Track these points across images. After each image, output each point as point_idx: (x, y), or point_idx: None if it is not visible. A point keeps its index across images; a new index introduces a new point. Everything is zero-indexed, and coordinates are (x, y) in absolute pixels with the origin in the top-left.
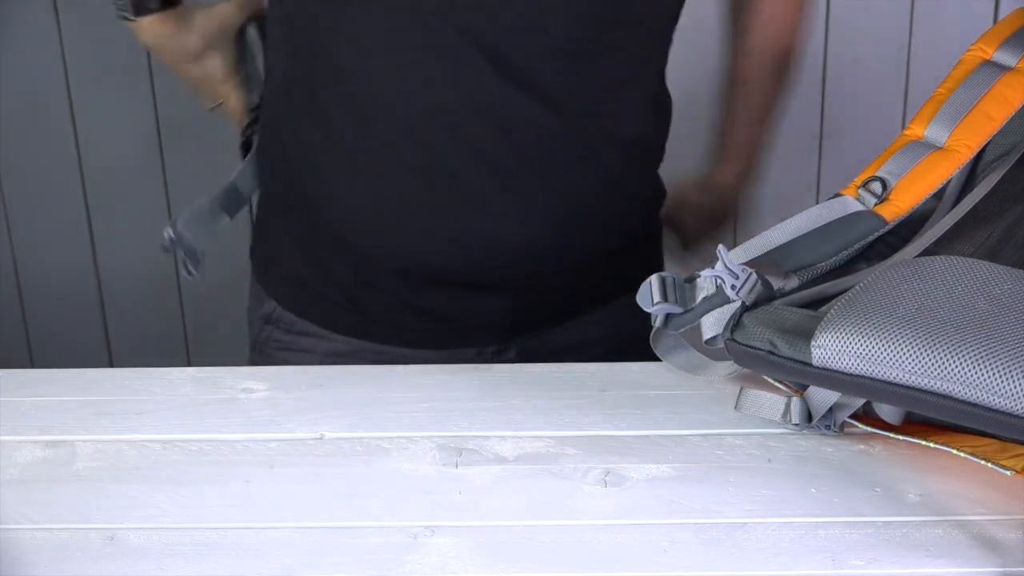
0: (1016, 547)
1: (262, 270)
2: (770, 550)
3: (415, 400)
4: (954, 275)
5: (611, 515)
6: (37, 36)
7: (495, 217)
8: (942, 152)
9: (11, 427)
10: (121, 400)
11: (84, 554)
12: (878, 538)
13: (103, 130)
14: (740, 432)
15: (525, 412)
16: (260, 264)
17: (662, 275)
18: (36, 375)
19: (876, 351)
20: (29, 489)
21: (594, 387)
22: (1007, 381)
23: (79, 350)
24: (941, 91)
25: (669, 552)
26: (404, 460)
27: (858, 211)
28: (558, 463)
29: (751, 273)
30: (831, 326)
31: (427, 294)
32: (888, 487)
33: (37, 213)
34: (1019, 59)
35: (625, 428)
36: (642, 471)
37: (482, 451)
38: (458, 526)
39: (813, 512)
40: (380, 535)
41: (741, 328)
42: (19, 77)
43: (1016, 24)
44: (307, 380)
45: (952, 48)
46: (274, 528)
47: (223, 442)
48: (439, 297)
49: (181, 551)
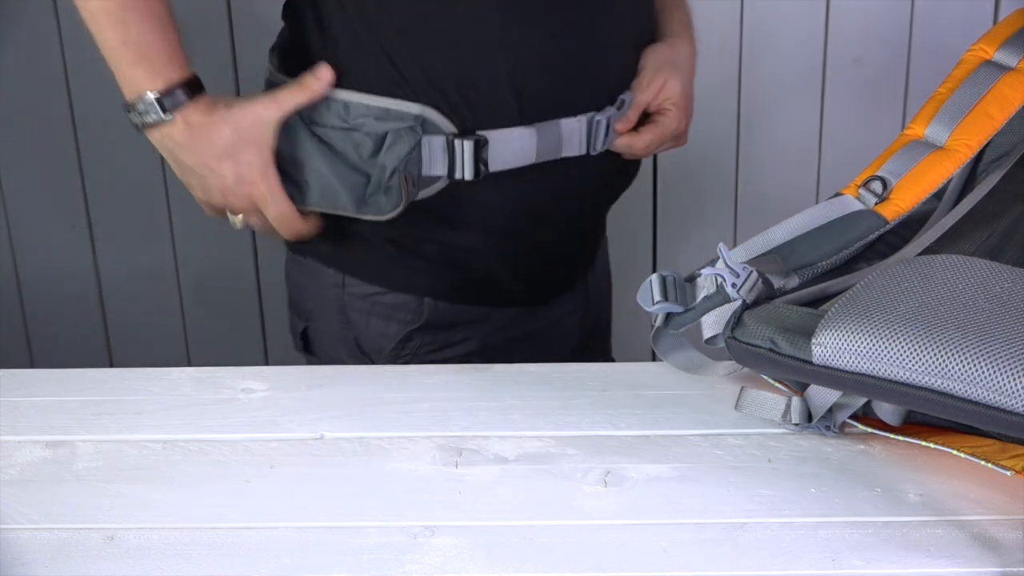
0: (1016, 547)
1: (404, 283)
2: (770, 550)
3: (415, 400)
4: (955, 274)
5: (611, 515)
6: (37, 36)
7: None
8: (942, 152)
9: (11, 427)
10: (121, 400)
11: (84, 554)
12: (878, 538)
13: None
14: (740, 432)
15: (525, 412)
16: (401, 279)
17: (662, 274)
18: (36, 375)
19: (877, 349)
20: (29, 489)
21: (594, 387)
22: (1007, 379)
23: (79, 350)
24: (942, 91)
25: (669, 552)
26: (404, 460)
27: (859, 210)
28: (558, 463)
29: (752, 271)
30: (832, 324)
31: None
32: (888, 487)
33: (37, 213)
34: (1020, 59)
35: (625, 428)
36: (642, 471)
37: (482, 451)
38: (458, 526)
39: (813, 512)
40: (380, 535)
41: (742, 326)
42: (19, 77)
43: (1017, 24)
44: (307, 380)
45: (952, 48)
46: (274, 528)
47: (223, 442)
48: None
49: (181, 551)
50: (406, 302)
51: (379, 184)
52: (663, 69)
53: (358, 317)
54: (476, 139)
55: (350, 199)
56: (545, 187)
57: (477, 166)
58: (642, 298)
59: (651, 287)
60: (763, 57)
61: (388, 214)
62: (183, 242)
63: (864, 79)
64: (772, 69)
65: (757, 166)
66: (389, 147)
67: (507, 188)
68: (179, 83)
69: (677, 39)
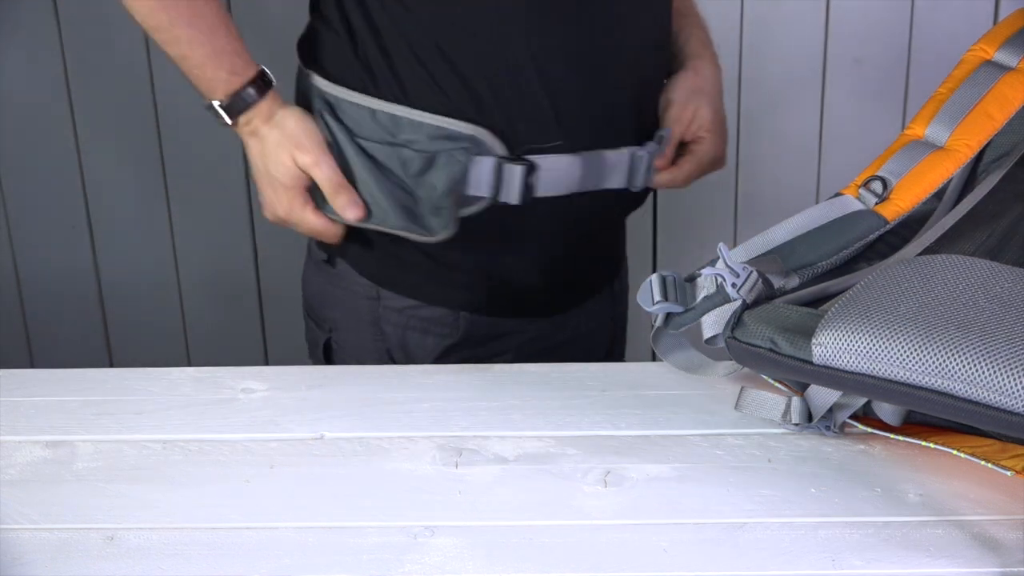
0: (1016, 547)
1: (441, 297)
2: (770, 550)
3: (415, 400)
4: (955, 274)
5: (611, 515)
6: (37, 36)
7: None
8: (943, 151)
9: (11, 427)
10: (121, 400)
11: (84, 554)
12: (878, 538)
13: (103, 130)
14: (740, 432)
15: (525, 412)
16: (438, 293)
17: (663, 274)
18: (36, 375)
19: (877, 349)
20: (29, 489)
21: (594, 387)
22: (1007, 379)
23: (79, 350)
24: (942, 91)
25: (669, 552)
26: (404, 460)
27: (859, 210)
28: (558, 463)
29: (752, 271)
30: (832, 324)
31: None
32: (888, 487)
33: (37, 213)
34: (1020, 59)
35: (625, 428)
36: (642, 471)
37: (482, 451)
38: (458, 526)
39: (813, 512)
40: (380, 535)
41: (742, 326)
42: (19, 77)
43: (1017, 24)
44: (307, 380)
45: (952, 48)
46: (274, 528)
47: (223, 442)
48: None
49: (181, 551)
50: (443, 316)
51: (430, 204)
52: (691, 99)
53: (393, 330)
54: (527, 164)
55: (399, 218)
56: (583, 204)
57: (524, 191)
58: (642, 298)
59: (651, 287)
60: (763, 57)
61: (439, 235)
62: (183, 242)
63: (864, 79)
64: (772, 69)
65: (757, 166)
66: (441, 167)
67: (546, 209)
68: (250, 80)
69: (699, 61)
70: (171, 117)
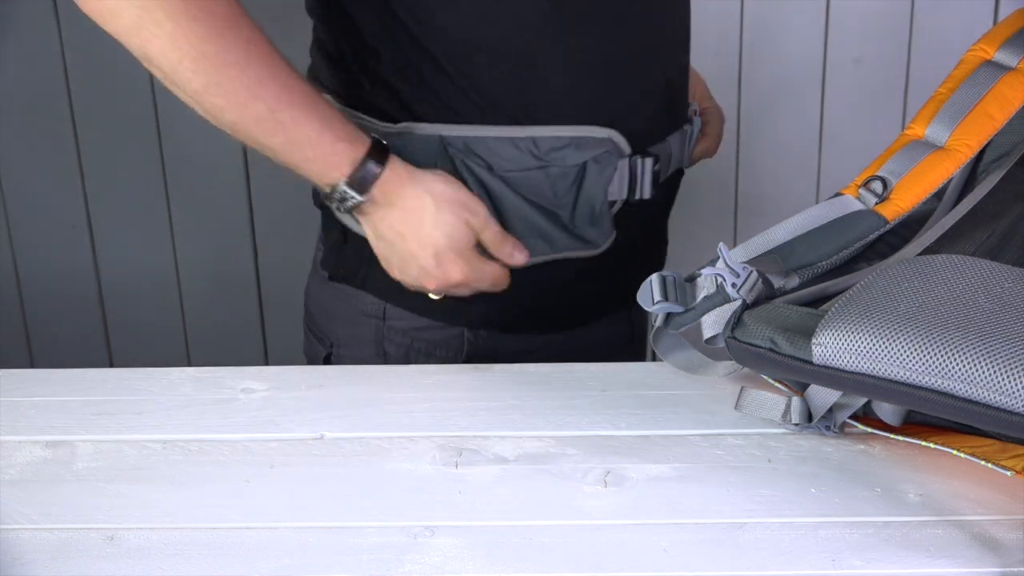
0: (1016, 547)
1: (449, 314)
2: (770, 550)
3: (415, 400)
4: (955, 273)
5: (611, 515)
6: (37, 36)
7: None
8: (943, 151)
9: (11, 427)
10: (121, 400)
11: (84, 554)
12: (878, 538)
13: (103, 130)
14: (740, 432)
15: (525, 412)
16: (446, 310)
17: (662, 274)
18: (36, 375)
19: (877, 348)
20: (29, 489)
21: (594, 387)
22: (1008, 378)
23: (79, 350)
24: (942, 91)
25: (669, 552)
26: (404, 460)
27: (859, 210)
28: (558, 463)
29: (752, 271)
30: (832, 324)
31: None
32: (888, 487)
33: (37, 213)
34: (1020, 59)
35: (625, 428)
36: (642, 471)
37: (482, 451)
38: (458, 526)
39: (813, 512)
40: (380, 535)
41: (742, 326)
42: (19, 77)
43: (1017, 24)
44: (307, 380)
45: (952, 48)
46: (274, 528)
47: (223, 442)
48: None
49: (181, 551)
50: (447, 339)
51: (586, 216)
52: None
53: (395, 350)
54: (654, 156)
55: (561, 239)
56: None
57: (654, 184)
58: (642, 298)
59: (651, 287)
60: (763, 57)
61: (603, 246)
62: (183, 242)
63: (864, 79)
64: (772, 69)
65: (757, 166)
66: (593, 176)
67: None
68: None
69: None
70: (171, 117)
